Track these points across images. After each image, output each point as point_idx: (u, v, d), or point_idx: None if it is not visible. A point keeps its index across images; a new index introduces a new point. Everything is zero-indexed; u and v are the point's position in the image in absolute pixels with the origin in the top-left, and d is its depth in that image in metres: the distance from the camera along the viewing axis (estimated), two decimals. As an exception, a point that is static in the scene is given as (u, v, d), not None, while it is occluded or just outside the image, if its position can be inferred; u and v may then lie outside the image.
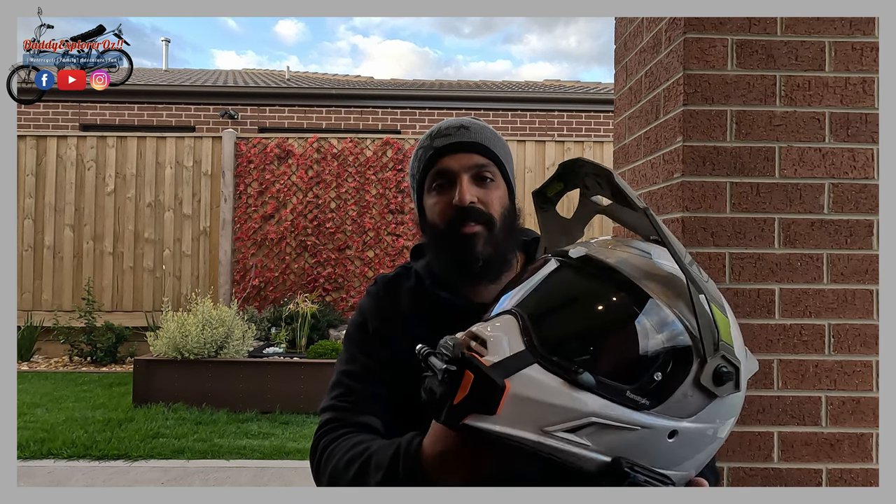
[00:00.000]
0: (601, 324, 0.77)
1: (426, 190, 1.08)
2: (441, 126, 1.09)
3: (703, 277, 0.77)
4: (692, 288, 0.73)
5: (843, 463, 1.44)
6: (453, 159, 1.05)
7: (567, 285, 0.82)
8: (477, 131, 1.07)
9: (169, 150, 7.32)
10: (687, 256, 0.77)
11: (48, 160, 7.26)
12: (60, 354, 6.99)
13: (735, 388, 0.75)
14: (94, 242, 7.23)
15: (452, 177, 1.04)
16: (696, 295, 0.73)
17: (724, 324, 0.75)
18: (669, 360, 0.73)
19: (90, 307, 6.77)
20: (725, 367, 0.73)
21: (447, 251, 1.05)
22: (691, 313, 0.74)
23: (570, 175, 0.92)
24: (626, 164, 1.86)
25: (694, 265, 0.77)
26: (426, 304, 1.09)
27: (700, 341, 0.73)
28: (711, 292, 0.76)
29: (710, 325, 0.73)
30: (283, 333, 5.86)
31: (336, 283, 7.11)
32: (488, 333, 0.74)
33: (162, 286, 7.20)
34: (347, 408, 1.05)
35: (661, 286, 0.76)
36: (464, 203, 1.02)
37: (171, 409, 4.83)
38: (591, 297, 0.79)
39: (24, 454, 3.88)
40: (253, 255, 7.15)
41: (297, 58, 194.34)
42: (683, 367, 0.73)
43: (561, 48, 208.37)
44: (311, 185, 7.19)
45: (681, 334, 0.74)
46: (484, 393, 0.69)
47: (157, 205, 7.29)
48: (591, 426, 0.70)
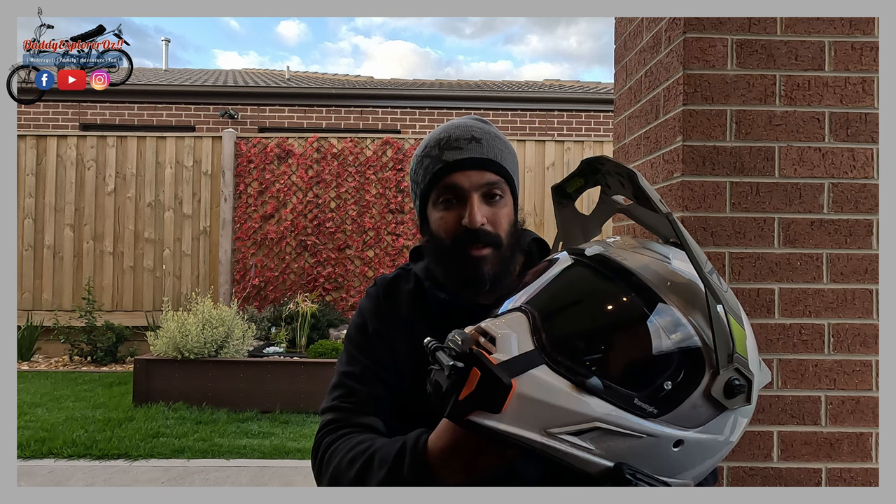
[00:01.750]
0: (612, 327, 0.75)
1: (431, 202, 1.05)
2: (451, 136, 1.04)
3: (722, 287, 0.75)
4: (710, 297, 0.71)
5: (843, 462, 1.44)
6: (464, 176, 1.01)
7: (580, 285, 0.80)
8: (488, 144, 1.04)
9: (169, 150, 7.32)
10: (708, 264, 0.75)
11: (48, 160, 7.26)
12: (61, 354, 6.99)
13: (746, 402, 0.73)
14: (94, 242, 7.24)
15: (462, 194, 1.01)
16: (714, 305, 0.71)
17: (741, 335, 0.73)
18: (681, 370, 0.71)
19: (90, 307, 6.77)
20: (738, 380, 0.71)
21: (454, 270, 1.03)
22: (707, 323, 0.72)
23: (591, 172, 0.90)
24: (626, 163, 1.86)
25: (714, 274, 0.76)
26: (425, 306, 1.09)
27: (714, 352, 0.71)
28: (730, 302, 0.74)
29: (726, 337, 0.71)
30: (283, 333, 5.87)
31: (336, 283, 7.11)
32: (498, 330, 0.73)
33: (162, 286, 7.20)
34: (349, 408, 1.04)
35: (677, 293, 0.75)
36: (474, 225, 0.99)
37: (172, 408, 4.84)
38: (603, 299, 0.77)
39: (24, 454, 3.89)
40: (253, 254, 7.15)
41: (299, 58, 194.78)
42: (694, 377, 0.71)
43: (562, 49, 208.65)
44: (311, 185, 7.19)
45: (694, 344, 0.72)
46: (490, 391, 0.69)
47: (158, 204, 7.29)
48: (595, 430, 0.69)
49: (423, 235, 1.10)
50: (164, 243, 7.26)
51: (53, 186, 7.25)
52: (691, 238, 0.74)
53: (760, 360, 0.79)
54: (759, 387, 0.76)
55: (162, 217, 7.28)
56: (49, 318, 6.96)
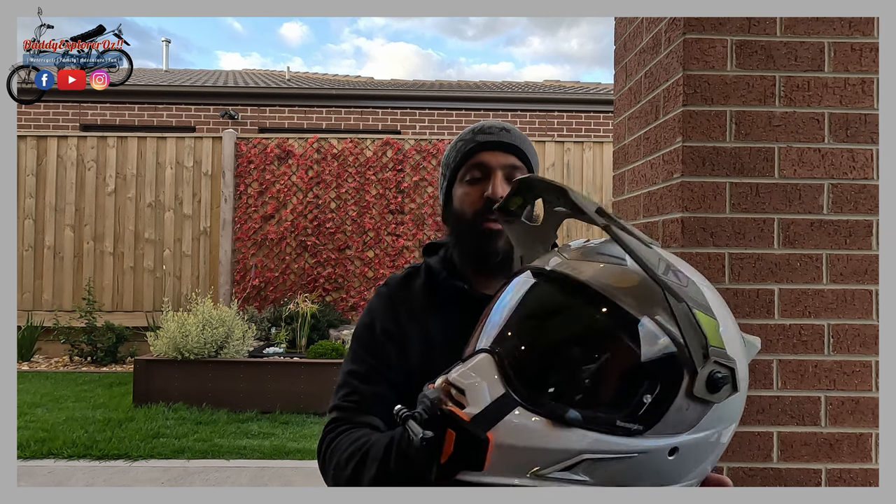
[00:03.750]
0: (580, 355, 0.72)
1: (459, 179, 1.14)
2: (484, 124, 1.16)
3: (681, 282, 0.72)
4: (670, 299, 0.69)
5: (843, 463, 1.45)
6: (492, 156, 1.11)
7: (541, 313, 0.78)
8: (516, 136, 1.16)
9: (169, 151, 7.32)
10: (662, 263, 0.72)
11: (49, 160, 7.26)
12: (61, 354, 6.99)
13: (733, 390, 0.71)
14: (94, 242, 7.24)
15: (487, 171, 1.11)
16: (676, 305, 0.69)
17: (711, 326, 0.70)
18: (657, 380, 0.69)
19: (90, 307, 6.77)
20: (719, 372, 0.69)
21: (469, 241, 1.11)
22: (674, 323, 0.69)
23: (527, 189, 0.89)
24: (626, 164, 1.86)
25: (670, 272, 0.72)
26: (439, 300, 1.12)
27: (687, 352, 0.69)
28: (692, 296, 0.71)
29: (696, 333, 0.69)
30: (283, 333, 5.87)
31: (336, 283, 7.12)
32: (465, 381, 0.71)
33: (162, 286, 7.20)
34: (353, 407, 1.07)
35: (638, 298, 0.72)
36: (496, 196, 1.06)
37: (172, 408, 4.84)
38: (566, 326, 0.75)
39: (24, 454, 3.89)
40: (253, 255, 7.15)
41: (301, 60, 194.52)
42: (673, 382, 0.69)
43: (563, 51, 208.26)
44: (311, 186, 7.19)
45: (666, 349, 0.70)
46: (469, 448, 0.68)
47: (158, 205, 7.30)
48: (584, 462, 0.68)
49: (444, 221, 1.19)
50: (165, 244, 7.26)
51: (54, 187, 7.25)
52: (636, 240, 0.71)
53: (741, 335, 0.77)
54: (749, 359, 0.75)
55: (162, 217, 7.29)
56: (49, 319, 6.96)
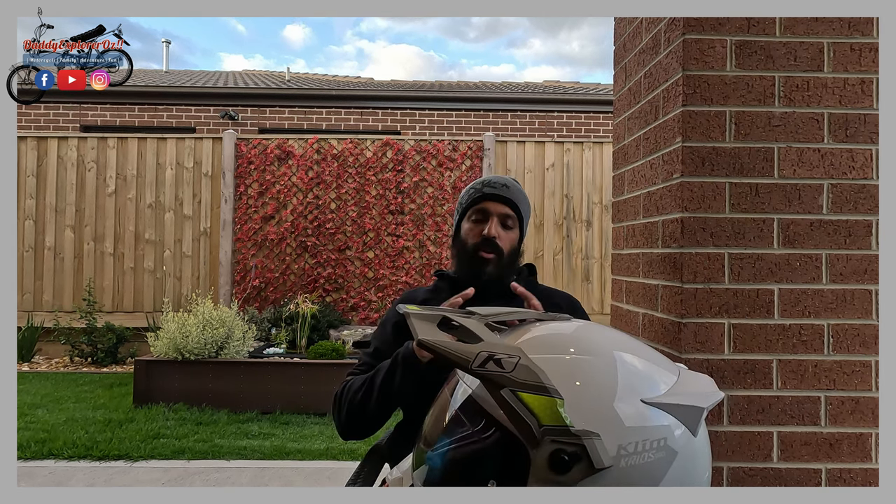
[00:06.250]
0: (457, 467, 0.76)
1: (466, 218, 1.57)
2: (493, 179, 1.57)
3: (504, 369, 0.68)
4: (488, 387, 0.68)
5: (843, 463, 1.45)
6: (492, 205, 1.54)
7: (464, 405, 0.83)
8: (514, 191, 1.56)
9: (169, 151, 7.33)
10: (481, 356, 0.68)
11: (49, 161, 7.27)
12: (61, 355, 6.99)
13: (589, 469, 0.66)
14: (94, 243, 7.24)
15: (487, 215, 1.53)
16: (496, 391, 0.67)
17: (544, 405, 0.66)
18: (496, 465, 0.69)
19: (91, 308, 6.77)
20: (564, 451, 0.65)
21: (467, 265, 1.54)
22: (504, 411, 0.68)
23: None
24: (626, 164, 1.86)
25: (490, 361, 0.68)
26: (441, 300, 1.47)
27: (518, 437, 0.66)
28: (522, 380, 0.67)
29: (521, 418, 0.66)
30: (283, 334, 5.87)
31: (336, 284, 7.12)
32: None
33: (162, 287, 7.20)
34: (364, 371, 1.48)
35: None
36: (489, 235, 1.50)
37: (172, 409, 4.84)
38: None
39: (24, 455, 3.89)
40: (253, 255, 7.15)
41: (304, 62, 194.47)
42: (513, 465, 0.67)
43: (564, 52, 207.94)
44: (311, 186, 7.19)
45: (492, 440, 0.69)
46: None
47: (158, 206, 7.30)
48: None
49: (453, 244, 1.61)
50: (165, 244, 7.27)
51: (54, 188, 7.25)
52: (458, 343, 0.70)
53: (661, 370, 0.74)
54: (707, 408, 0.72)
55: (162, 218, 7.29)
56: (49, 320, 6.97)
